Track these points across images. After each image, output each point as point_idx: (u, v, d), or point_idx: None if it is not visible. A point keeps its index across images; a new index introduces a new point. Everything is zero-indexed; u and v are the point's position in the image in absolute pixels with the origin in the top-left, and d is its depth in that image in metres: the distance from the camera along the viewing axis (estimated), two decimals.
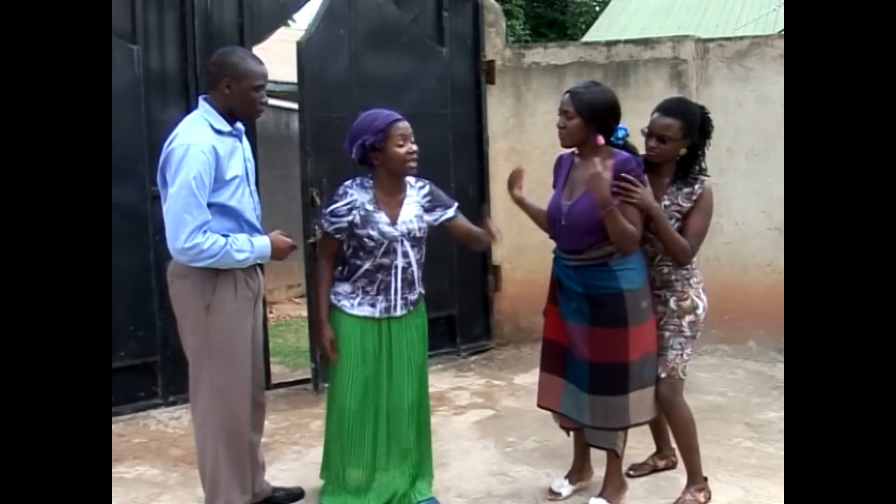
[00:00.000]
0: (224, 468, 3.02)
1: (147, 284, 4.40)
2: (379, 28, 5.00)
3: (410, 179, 3.24)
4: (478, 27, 5.53)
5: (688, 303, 3.21)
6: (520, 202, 3.38)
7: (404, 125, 3.11)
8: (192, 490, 3.47)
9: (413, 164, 3.12)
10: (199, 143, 2.85)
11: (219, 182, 2.88)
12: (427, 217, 3.23)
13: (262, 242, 3.01)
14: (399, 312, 3.19)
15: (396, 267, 3.14)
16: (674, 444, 3.42)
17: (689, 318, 3.21)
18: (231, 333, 2.99)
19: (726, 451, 3.80)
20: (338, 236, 3.18)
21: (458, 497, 3.44)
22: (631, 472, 3.56)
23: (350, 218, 3.13)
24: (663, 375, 3.23)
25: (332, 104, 4.69)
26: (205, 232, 2.83)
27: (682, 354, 3.23)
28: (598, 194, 3.00)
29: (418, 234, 3.18)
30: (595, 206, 3.09)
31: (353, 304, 3.17)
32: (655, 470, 3.60)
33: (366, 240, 3.11)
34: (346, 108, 4.66)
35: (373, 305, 3.16)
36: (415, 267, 3.20)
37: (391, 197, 3.16)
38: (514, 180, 3.36)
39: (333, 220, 3.16)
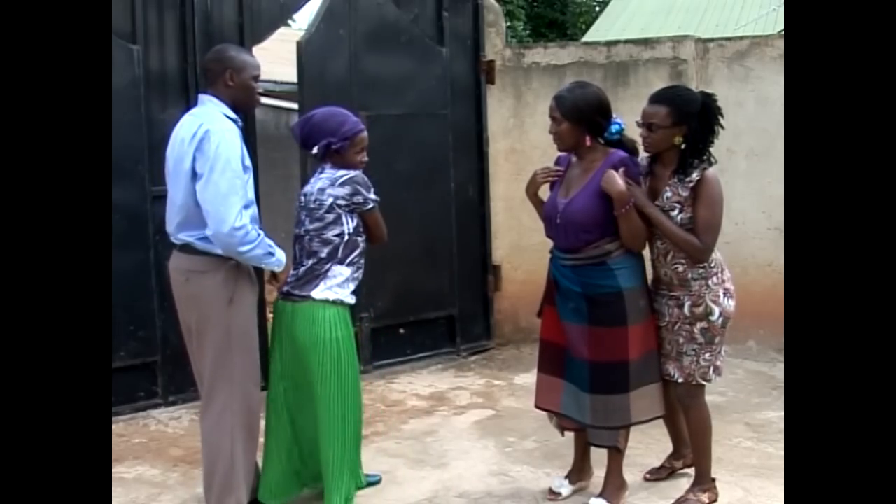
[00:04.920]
0: (240, 464, 3.01)
1: (147, 284, 4.39)
2: (379, 28, 5.00)
3: None
4: (478, 27, 5.52)
5: (700, 309, 3.11)
6: (533, 198, 3.36)
7: (365, 135, 3.27)
8: (192, 490, 3.47)
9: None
10: (230, 128, 2.94)
11: (243, 167, 2.94)
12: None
13: (282, 254, 3.06)
14: None
15: None
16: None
17: (700, 324, 3.12)
18: (249, 325, 3.05)
19: (726, 451, 3.79)
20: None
21: (458, 497, 3.44)
22: (647, 476, 3.52)
23: None
24: (680, 380, 3.19)
25: (332, 104, 4.67)
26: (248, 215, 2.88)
27: (697, 360, 3.14)
28: (615, 192, 3.01)
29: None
30: (591, 203, 3.10)
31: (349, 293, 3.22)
32: (673, 472, 3.52)
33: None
34: (346, 108, 4.65)
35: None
36: None
37: None
38: (535, 184, 3.33)
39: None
